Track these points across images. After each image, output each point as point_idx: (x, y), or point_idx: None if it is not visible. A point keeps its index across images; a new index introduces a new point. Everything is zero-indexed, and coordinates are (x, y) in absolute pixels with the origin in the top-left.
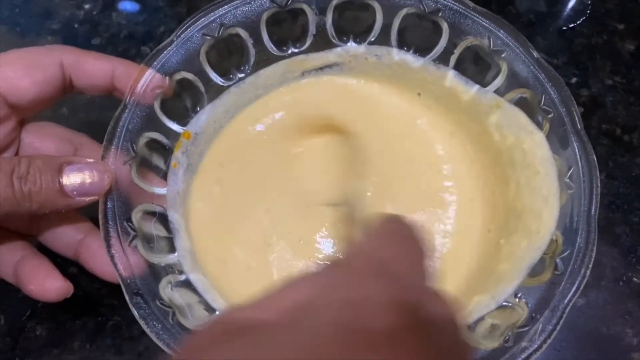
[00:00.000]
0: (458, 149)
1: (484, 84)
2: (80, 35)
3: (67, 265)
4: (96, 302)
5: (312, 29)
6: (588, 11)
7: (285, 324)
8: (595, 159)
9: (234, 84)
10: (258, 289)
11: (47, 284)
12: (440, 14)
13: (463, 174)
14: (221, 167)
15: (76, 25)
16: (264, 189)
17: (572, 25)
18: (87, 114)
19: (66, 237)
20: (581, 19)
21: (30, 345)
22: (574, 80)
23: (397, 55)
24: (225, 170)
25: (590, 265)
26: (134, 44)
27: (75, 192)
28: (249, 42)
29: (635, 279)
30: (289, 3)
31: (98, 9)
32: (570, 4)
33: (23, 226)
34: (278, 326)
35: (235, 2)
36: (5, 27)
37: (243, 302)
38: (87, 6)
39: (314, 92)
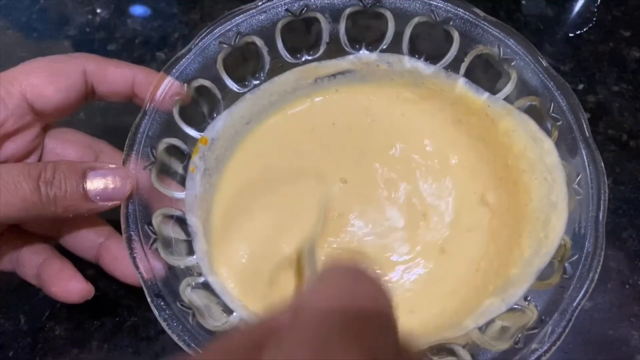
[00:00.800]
0: (468, 156)
1: (494, 91)
2: (96, 41)
3: (85, 267)
4: (114, 303)
5: (325, 37)
6: (595, 19)
7: None
8: (603, 165)
9: (249, 90)
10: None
11: (70, 286)
12: (451, 23)
13: (473, 180)
14: (245, 172)
15: (92, 31)
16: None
17: (579, 32)
18: (104, 119)
19: (87, 241)
20: (588, 26)
21: (49, 345)
22: (580, 86)
23: (409, 62)
24: (250, 175)
25: (599, 270)
26: (149, 49)
27: (98, 197)
28: (264, 50)
29: None
30: (303, 12)
31: (112, 15)
32: (577, 11)
33: (45, 229)
34: None
35: (251, 11)
36: (23, 33)
37: None
38: (99, 10)
39: (329, 108)
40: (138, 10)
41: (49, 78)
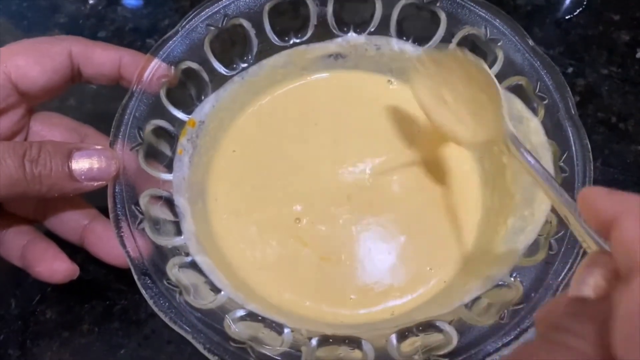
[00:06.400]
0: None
1: None
2: (87, 29)
3: (74, 251)
4: (104, 286)
5: (313, 19)
6: (585, 2)
7: None
8: (589, 143)
9: (237, 73)
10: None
11: (55, 266)
12: (438, 4)
13: (461, 160)
14: (234, 154)
15: (82, 20)
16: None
17: (569, 16)
18: (94, 105)
19: (72, 222)
20: (578, 10)
21: (40, 328)
22: (570, 70)
23: (397, 45)
24: (239, 156)
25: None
26: (139, 36)
27: (83, 177)
28: (252, 32)
29: None
30: None
31: (104, 3)
32: None
33: (30, 211)
34: None
35: None
36: (13, 21)
37: None
38: (92, 0)
39: (320, 89)
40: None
41: (34, 59)
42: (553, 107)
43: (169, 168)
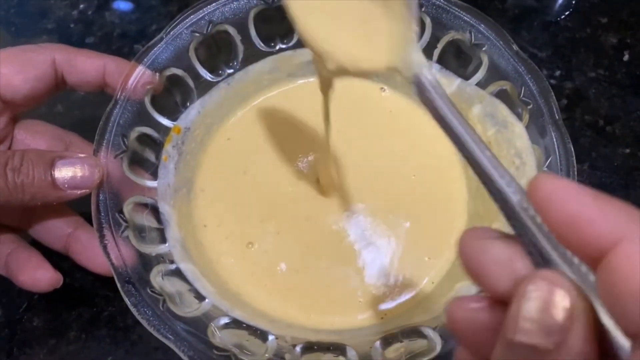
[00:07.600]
0: (441, 143)
1: (465, 76)
2: (75, 34)
3: (61, 259)
4: (91, 293)
5: None
6: (573, 5)
7: None
8: (572, 147)
9: (223, 79)
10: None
11: (38, 275)
12: (422, 9)
13: (446, 166)
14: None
15: (71, 25)
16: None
17: (557, 19)
18: (81, 111)
19: (56, 230)
20: (566, 13)
21: (27, 336)
22: (557, 73)
23: None
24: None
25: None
26: (127, 42)
27: (66, 185)
28: (237, 38)
29: None
30: (276, 0)
31: (93, 9)
32: (560, 1)
33: (14, 220)
34: None
35: (223, 0)
36: (1, 26)
37: None
38: (81, 6)
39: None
40: (120, 4)
41: (17, 68)
42: (537, 112)
43: (154, 175)
